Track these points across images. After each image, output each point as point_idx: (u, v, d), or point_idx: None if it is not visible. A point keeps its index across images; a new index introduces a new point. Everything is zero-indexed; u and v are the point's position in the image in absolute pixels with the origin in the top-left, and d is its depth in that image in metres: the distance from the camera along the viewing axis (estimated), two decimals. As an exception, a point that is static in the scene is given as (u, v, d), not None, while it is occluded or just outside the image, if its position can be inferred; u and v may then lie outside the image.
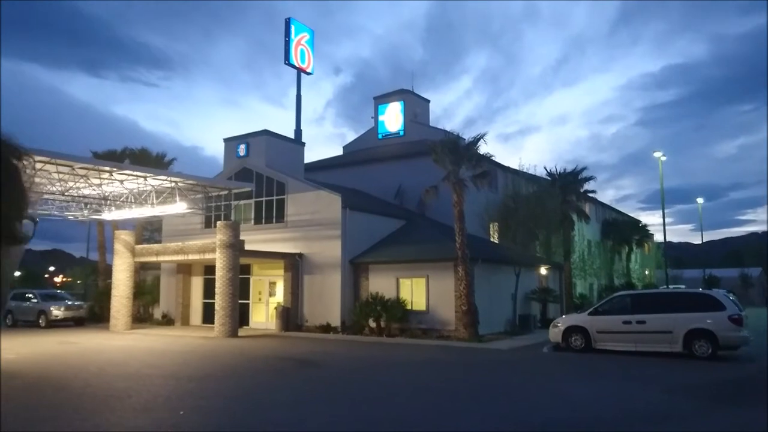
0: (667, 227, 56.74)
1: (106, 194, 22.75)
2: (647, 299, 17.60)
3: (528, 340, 21.12)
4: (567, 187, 31.21)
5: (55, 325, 26.61)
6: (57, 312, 27.12)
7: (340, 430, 8.23)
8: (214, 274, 23.31)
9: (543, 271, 28.18)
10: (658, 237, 57.77)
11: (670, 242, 58.01)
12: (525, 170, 30.23)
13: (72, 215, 25.35)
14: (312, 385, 12.26)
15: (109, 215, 24.51)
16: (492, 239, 29.27)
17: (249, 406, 9.92)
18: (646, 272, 53.96)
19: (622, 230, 45.30)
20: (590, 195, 35.59)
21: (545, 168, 33.05)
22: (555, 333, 18.10)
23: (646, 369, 14.14)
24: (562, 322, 18.24)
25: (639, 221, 51.96)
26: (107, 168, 20.58)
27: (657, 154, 39.39)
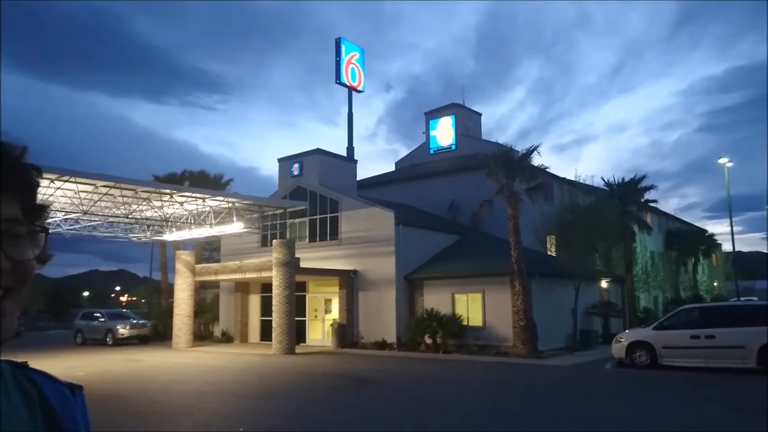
0: (735, 236, 54.23)
1: (167, 216, 23.51)
2: (716, 312, 16.75)
3: (589, 356, 20.44)
4: (626, 197, 30.24)
5: (121, 343, 27.54)
6: (123, 330, 28.08)
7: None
8: (271, 292, 23.66)
9: (604, 284, 27.31)
10: (727, 247, 55.17)
11: (739, 252, 55.30)
12: (582, 181, 29.53)
13: (136, 237, 26.32)
14: (368, 403, 12.20)
15: (170, 236, 25.30)
16: (549, 253, 28.62)
17: (305, 425, 9.94)
18: (715, 284, 51.54)
19: (688, 240, 43.51)
20: (651, 204, 34.37)
21: (602, 178, 32.11)
22: (618, 348, 17.44)
23: (718, 387, 13.43)
24: (626, 337, 17.57)
25: (705, 231, 49.84)
26: (168, 191, 21.29)
27: (722, 161, 37.79)
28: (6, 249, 0.73)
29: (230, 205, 22.81)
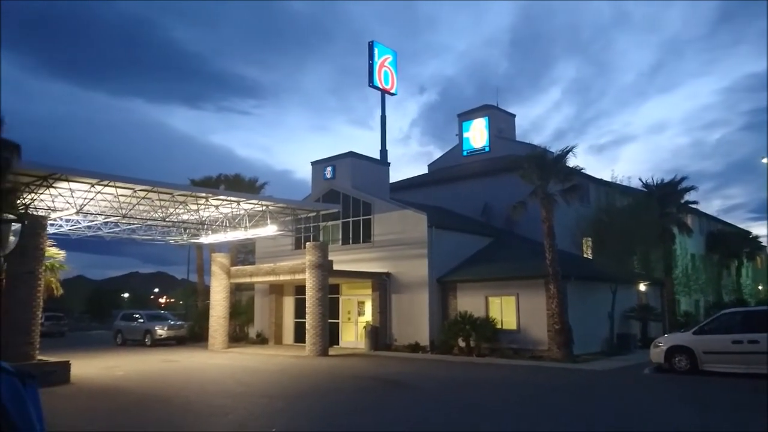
0: (781, 238, 52.33)
1: (203, 219, 23.91)
2: (760, 316, 16.17)
3: (627, 360, 20.00)
4: (665, 198, 29.53)
5: (159, 343, 28.12)
6: (161, 332, 28.67)
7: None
8: (305, 294, 23.85)
9: (642, 287, 26.72)
10: (772, 249, 53.28)
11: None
12: (619, 182, 28.95)
13: (173, 240, 26.86)
14: (400, 406, 12.17)
15: (206, 239, 25.73)
16: (585, 255, 28.14)
17: (336, 426, 9.97)
18: (760, 287, 49.90)
19: (730, 243, 42.18)
20: (691, 206, 33.48)
21: (640, 179, 31.40)
22: (657, 353, 17.02)
23: (761, 395, 12.97)
24: (665, 342, 17.13)
25: (749, 232, 48.30)
26: (203, 194, 21.64)
27: (765, 160, 36.59)
28: None
29: (264, 208, 23.07)
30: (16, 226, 0.87)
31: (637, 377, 16.56)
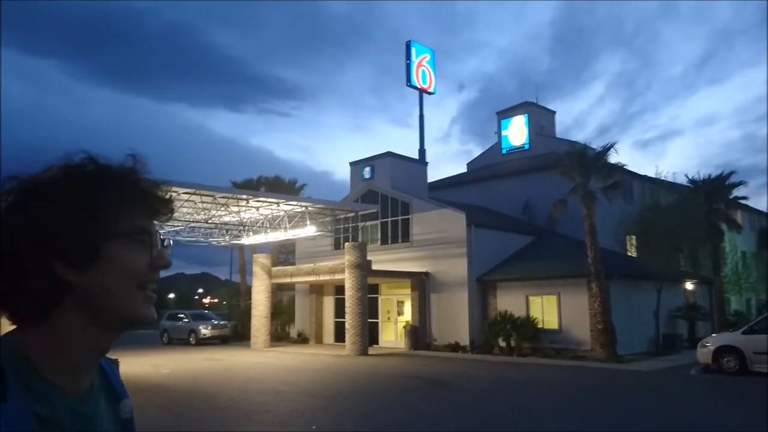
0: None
1: (244, 220, 24.38)
2: (814, 316, 15.59)
3: (673, 361, 19.50)
4: (713, 194, 28.62)
5: (203, 342, 28.75)
6: (205, 331, 29.32)
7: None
8: (344, 294, 24.05)
9: (689, 286, 25.99)
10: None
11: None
12: (663, 178, 28.21)
13: (215, 241, 27.46)
14: (441, 406, 12.18)
15: (247, 240, 26.20)
16: (629, 253, 27.53)
17: (378, 425, 10.05)
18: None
19: (783, 239, 40.61)
20: (741, 201, 32.39)
21: (686, 176, 30.54)
22: (704, 354, 16.55)
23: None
24: (712, 342, 16.65)
25: (803, 228, 46.33)
26: (244, 196, 22.08)
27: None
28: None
29: (303, 209, 23.37)
30: (169, 241, 1.00)
31: (684, 378, 16.14)
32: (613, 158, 22.52)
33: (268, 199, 22.45)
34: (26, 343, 0.85)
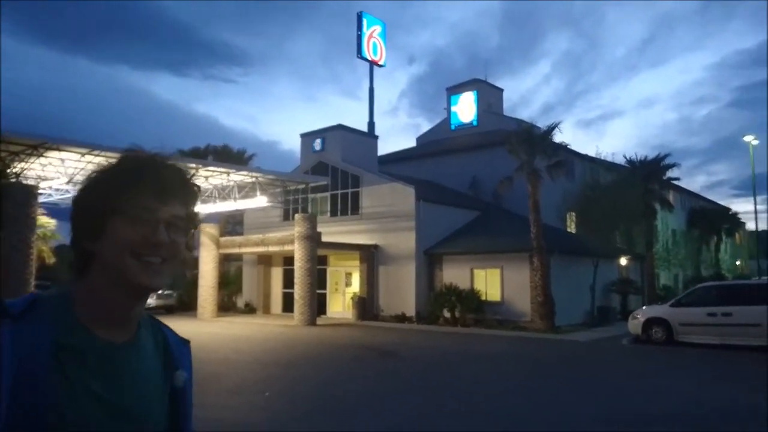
0: (761, 215, 53.44)
1: (193, 190, 24.00)
2: (733, 290, 16.84)
3: (607, 332, 20.69)
4: (649, 175, 30.08)
5: (148, 312, 28.32)
6: (150, 300, 28.74)
7: (421, 420, 8.52)
8: (293, 265, 24.20)
9: (623, 262, 27.39)
10: (752, 225, 54.53)
11: (765, 231, 54.43)
12: (604, 158, 29.39)
13: (162, 210, 26.91)
14: (391, 374, 12.64)
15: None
16: (569, 230, 28.70)
17: (330, 392, 10.39)
18: (738, 263, 51.15)
19: (710, 219, 43.12)
20: (674, 183, 34.14)
21: (624, 156, 31.90)
22: (635, 325, 17.66)
23: (732, 364, 13.63)
24: (642, 314, 17.77)
25: (728, 209, 49.31)
26: (193, 165, 21.71)
27: (748, 138, 37.27)
28: (169, 232, 1.11)
29: (254, 179, 23.23)
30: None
31: (616, 347, 17.21)
32: (558, 138, 23.34)
33: (219, 169, 22.20)
34: (73, 293, 1.10)
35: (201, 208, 25.37)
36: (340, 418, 8.38)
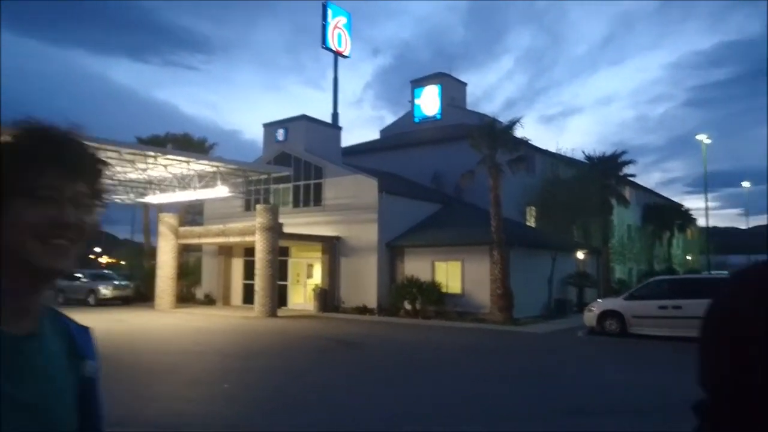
0: (713, 211, 55.55)
1: (151, 178, 23.54)
2: (684, 285, 17.43)
3: (563, 324, 21.18)
4: (606, 171, 30.81)
5: (103, 303, 27.74)
6: (105, 291, 28.25)
7: (382, 408, 8.58)
8: (254, 256, 23.98)
9: (580, 255, 28.04)
10: (702, 222, 56.46)
11: (715, 227, 56.59)
12: (563, 154, 29.97)
13: (119, 198, 26.33)
14: (352, 364, 12.68)
15: (154, 199, 25.35)
16: (529, 224, 29.19)
17: (291, 383, 10.37)
18: (689, 258, 52.89)
19: (664, 215, 44.47)
20: (630, 179, 35.04)
21: (583, 152, 32.59)
22: (590, 317, 18.13)
23: (681, 355, 14.10)
24: (597, 307, 18.25)
25: (681, 205, 50.91)
26: (152, 153, 21.29)
27: (700, 137, 38.50)
28: (76, 211, 1.04)
29: (215, 169, 22.89)
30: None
31: (571, 339, 17.65)
32: (519, 133, 23.68)
33: (179, 158, 21.79)
34: None
35: (161, 198, 24.97)
36: (300, 408, 8.38)
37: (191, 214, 36.97)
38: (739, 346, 0.82)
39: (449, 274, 23.83)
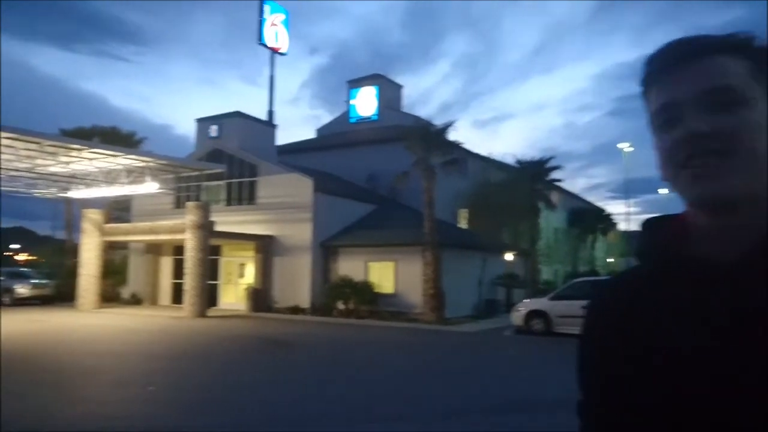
0: (633, 216, 58.41)
1: (75, 172, 22.57)
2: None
3: (492, 323, 21.80)
4: (534, 175, 31.86)
5: (20, 303, 26.36)
6: (23, 290, 26.87)
7: (312, 408, 8.61)
8: (184, 255, 23.41)
9: (509, 257, 28.88)
10: (623, 226, 59.27)
11: (635, 231, 59.31)
12: (495, 158, 30.82)
13: (39, 192, 25.10)
14: (283, 364, 12.62)
15: (77, 193, 24.32)
16: (461, 225, 29.83)
17: (220, 384, 10.23)
18: (610, 260, 55.37)
19: (588, 219, 46.39)
20: (557, 184, 36.36)
21: (514, 157, 33.67)
22: (517, 317, 18.76)
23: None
24: (524, 307, 18.90)
25: (604, 210, 53.25)
26: (77, 146, 20.42)
27: (622, 146, 40.43)
28: None
29: (144, 164, 22.20)
30: None
31: (499, 338, 18.22)
32: (453, 136, 24.19)
33: (105, 152, 20.97)
34: None
35: (85, 193, 23.98)
36: (226, 409, 8.29)
37: (118, 210, 35.62)
38: (601, 346, 0.88)
39: (383, 274, 24.05)
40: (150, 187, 22.40)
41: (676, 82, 0.82)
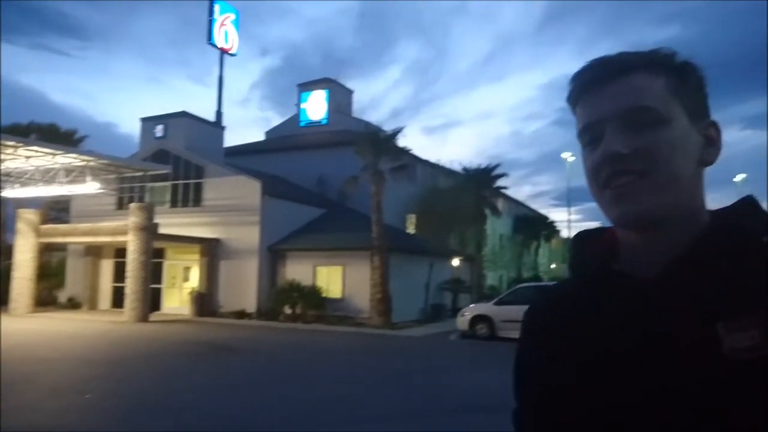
0: (575, 224, 60.23)
1: (9, 170, 21.66)
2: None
3: (438, 328, 22.09)
4: (481, 182, 32.48)
5: None
6: (-50, 293, 25.50)
7: (254, 413, 8.54)
8: (126, 257, 22.77)
9: (456, 262, 29.33)
10: (566, 233, 61.04)
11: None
12: (443, 165, 31.26)
13: (-30, 191, 23.91)
14: (226, 369, 12.45)
15: (11, 192, 23.32)
16: (409, 231, 30.11)
17: (161, 390, 10.03)
18: (553, 266, 56.96)
19: (532, 226, 47.67)
20: (503, 191, 37.20)
21: (460, 164, 34.26)
22: (462, 321, 19.07)
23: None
24: (469, 311, 19.24)
25: (546, 217, 54.79)
26: (11, 143, 19.59)
27: (565, 155, 41.69)
28: None
29: (84, 163, 21.50)
30: None
31: (445, 342, 18.50)
32: (402, 142, 24.49)
33: (43, 150, 20.21)
34: None
35: (20, 192, 23.03)
36: (165, 415, 8.14)
37: (56, 210, 34.30)
38: (537, 356, 0.91)
39: (330, 279, 24.02)
40: (90, 187, 21.70)
41: (598, 102, 0.84)
